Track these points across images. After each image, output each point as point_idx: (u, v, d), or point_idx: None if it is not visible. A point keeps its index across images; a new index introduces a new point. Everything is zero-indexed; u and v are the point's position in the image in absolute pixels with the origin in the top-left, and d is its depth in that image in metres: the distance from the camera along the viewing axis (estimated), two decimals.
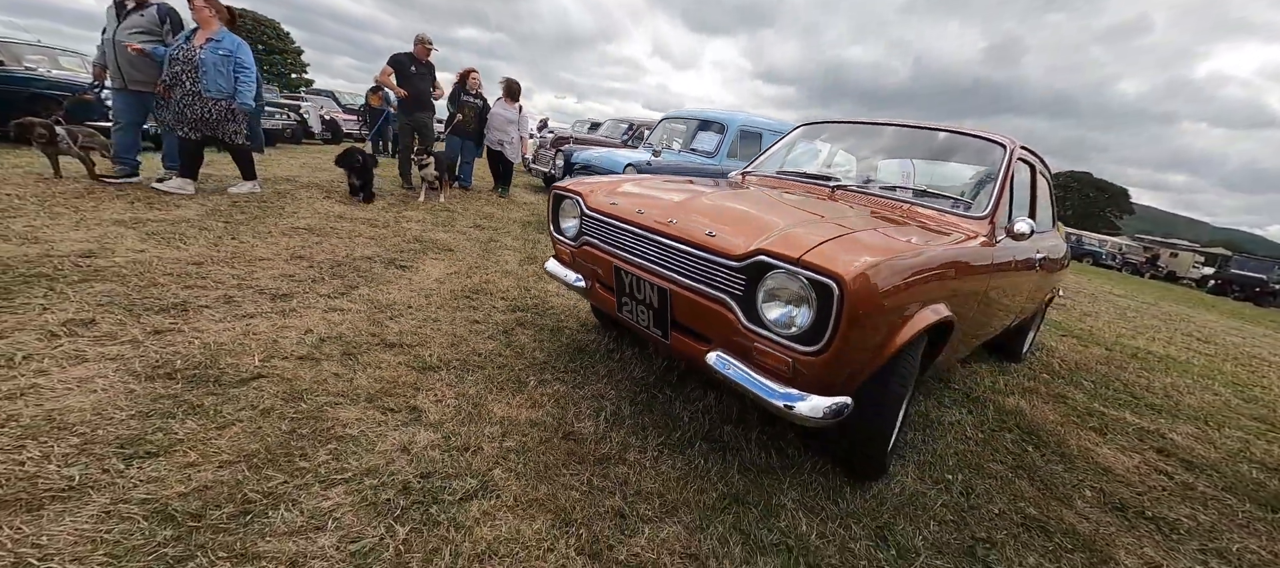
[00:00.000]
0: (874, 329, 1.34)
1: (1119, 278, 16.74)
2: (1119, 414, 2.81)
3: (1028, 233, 1.97)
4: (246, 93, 4.04)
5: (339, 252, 3.23)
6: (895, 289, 1.34)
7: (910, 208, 2.18)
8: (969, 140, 2.45)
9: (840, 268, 1.24)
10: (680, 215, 1.69)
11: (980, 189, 2.26)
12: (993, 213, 2.08)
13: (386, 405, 1.70)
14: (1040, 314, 3.56)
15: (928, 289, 1.53)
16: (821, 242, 1.35)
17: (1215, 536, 1.80)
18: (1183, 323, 7.06)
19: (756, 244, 1.41)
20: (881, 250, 1.37)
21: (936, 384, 2.74)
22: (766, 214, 1.68)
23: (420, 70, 5.54)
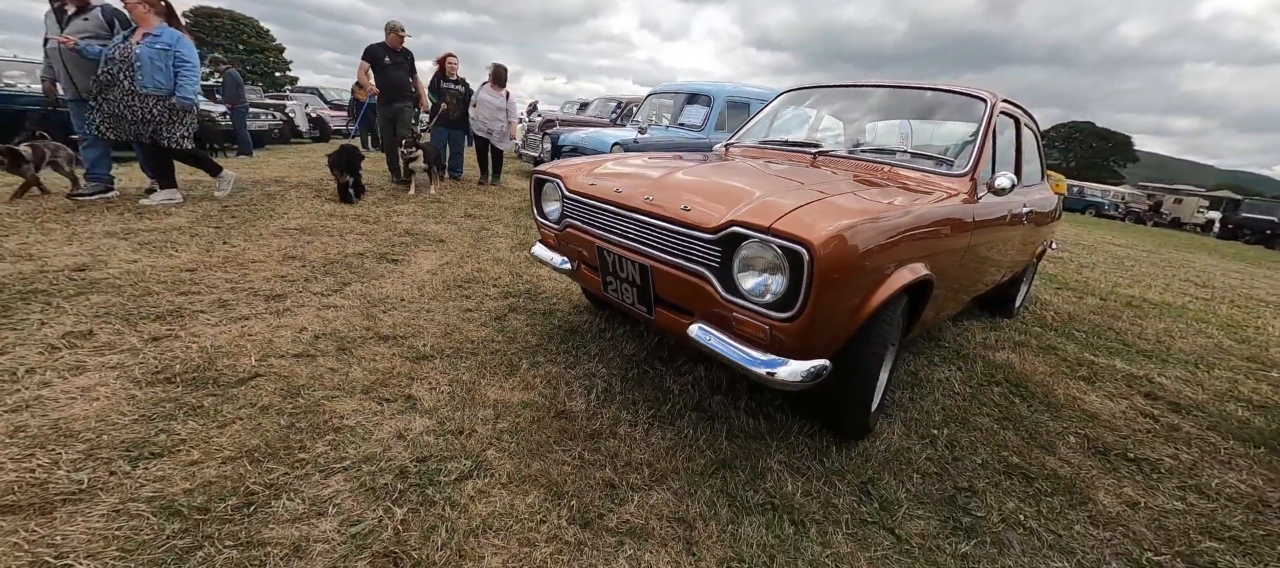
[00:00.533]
0: (846, 292, 1.36)
1: (1121, 228, 16.64)
2: (1109, 362, 2.85)
3: (1009, 187, 1.98)
4: (187, 87, 3.72)
5: (331, 250, 3.25)
6: (867, 252, 1.36)
7: (891, 170, 2.18)
8: (951, 97, 2.43)
9: (809, 234, 1.26)
10: (657, 192, 1.70)
11: (962, 146, 2.26)
12: (973, 169, 2.08)
13: (382, 396, 1.75)
14: (1032, 268, 3.57)
15: (903, 250, 1.54)
16: (792, 209, 1.36)
17: (1196, 473, 1.85)
18: (1182, 269, 7.06)
19: (729, 215, 1.43)
20: (852, 214, 1.38)
21: (927, 343, 2.78)
22: (743, 185, 1.68)
23: (395, 59, 5.32)
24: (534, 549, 1.21)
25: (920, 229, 1.65)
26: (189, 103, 3.75)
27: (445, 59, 5.80)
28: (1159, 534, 1.50)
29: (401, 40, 5.36)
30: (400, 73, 5.32)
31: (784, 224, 1.31)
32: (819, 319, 1.33)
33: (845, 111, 2.84)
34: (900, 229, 1.52)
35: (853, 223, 1.34)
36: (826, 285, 1.27)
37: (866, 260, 1.37)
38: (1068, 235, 9.70)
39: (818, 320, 1.33)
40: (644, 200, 1.70)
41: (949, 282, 2.01)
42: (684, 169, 1.97)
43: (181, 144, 3.83)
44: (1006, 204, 2.40)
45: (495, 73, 5.80)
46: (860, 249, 1.34)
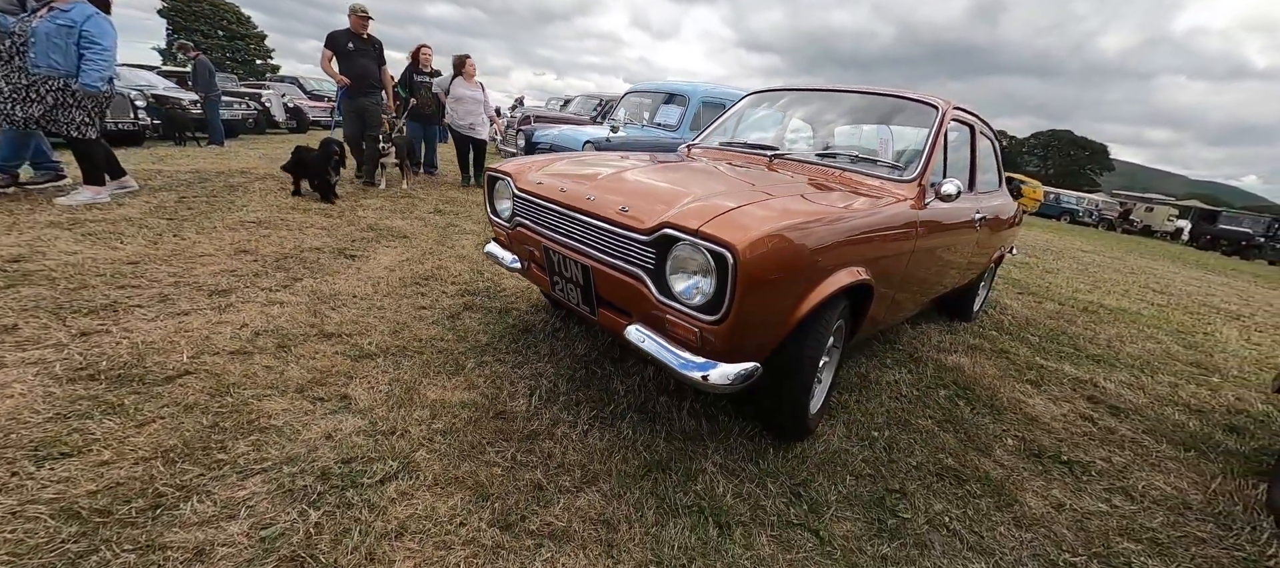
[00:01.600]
0: (774, 296, 1.36)
1: (1092, 234, 17.08)
2: (1058, 366, 2.91)
3: (955, 194, 2.01)
4: (92, 73, 3.25)
5: (287, 244, 3.18)
6: (796, 256, 1.37)
7: (843, 174, 2.20)
8: (904, 104, 2.46)
9: (734, 237, 1.26)
10: (599, 192, 1.69)
11: (913, 152, 2.29)
12: (921, 175, 2.10)
13: (316, 395, 1.71)
14: (990, 273, 3.64)
15: (838, 254, 1.55)
16: (723, 212, 1.36)
17: (1125, 476, 1.90)
18: (1143, 275, 7.26)
19: (662, 217, 1.42)
20: (783, 218, 1.39)
21: (881, 345, 2.81)
22: (685, 187, 1.68)
23: (360, 46, 4.85)
24: (449, 553, 1.19)
25: (859, 234, 1.66)
26: (94, 89, 3.31)
27: (419, 51, 5.57)
28: (1079, 536, 1.54)
29: (366, 25, 4.89)
30: (366, 61, 4.90)
31: (712, 227, 1.31)
32: (746, 322, 1.34)
33: (807, 114, 2.86)
34: (835, 233, 1.53)
35: (781, 227, 1.34)
36: (751, 288, 1.28)
37: (795, 264, 1.37)
38: (1038, 242, 9.93)
39: (744, 323, 1.34)
40: (585, 200, 1.69)
41: (894, 286, 2.04)
42: (633, 169, 1.96)
43: (85, 132, 3.38)
44: (958, 210, 2.43)
45: (457, 63, 5.48)
46: (788, 253, 1.34)
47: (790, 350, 1.57)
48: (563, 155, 2.32)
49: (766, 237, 1.29)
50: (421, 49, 5.61)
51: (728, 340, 1.37)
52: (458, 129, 5.56)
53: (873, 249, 1.75)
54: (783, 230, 1.34)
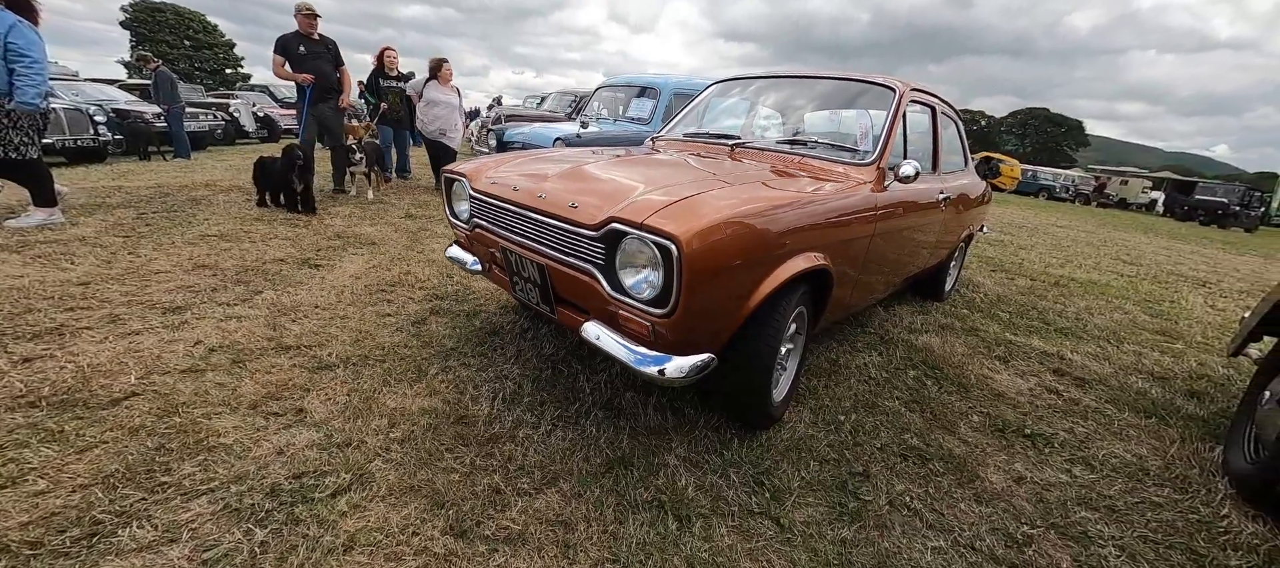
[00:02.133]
0: (723, 286, 1.35)
1: (1069, 209, 17.39)
2: (1027, 341, 2.95)
3: (913, 175, 2.01)
4: (26, 90, 3.04)
5: (249, 257, 3.11)
6: (743, 244, 1.36)
7: (802, 160, 2.19)
8: (864, 87, 2.46)
9: (677, 229, 1.24)
10: (550, 189, 1.67)
11: (873, 136, 2.29)
12: (880, 158, 2.10)
13: (270, 410, 1.67)
14: (961, 252, 3.68)
15: (791, 240, 1.55)
16: (668, 204, 1.35)
17: (1086, 446, 1.93)
18: (1115, 248, 7.41)
19: (609, 212, 1.40)
20: (730, 207, 1.37)
21: (851, 329, 2.83)
22: (638, 181, 1.66)
23: (311, 48, 4.43)
24: (398, 564, 1.17)
25: (814, 219, 1.66)
26: (30, 107, 3.09)
27: (383, 53, 5.38)
28: (1038, 507, 1.56)
29: (314, 24, 4.48)
30: (320, 63, 4.47)
31: (656, 219, 1.29)
32: (695, 314, 1.33)
33: (769, 102, 2.85)
34: (787, 220, 1.53)
35: (727, 216, 1.33)
36: (698, 280, 1.26)
37: (743, 253, 1.36)
38: (1014, 219, 10.08)
39: (694, 315, 1.33)
40: (537, 198, 1.66)
41: (856, 270, 2.04)
42: (589, 165, 1.94)
43: (25, 153, 3.17)
44: (920, 191, 2.45)
45: (434, 66, 5.25)
46: (735, 242, 1.33)
47: (748, 341, 1.56)
48: (521, 154, 2.28)
49: (711, 227, 1.28)
50: (386, 52, 5.42)
51: (679, 333, 1.35)
52: (428, 135, 5.24)
53: (830, 234, 1.75)
54: (728, 220, 1.33)
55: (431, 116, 5.10)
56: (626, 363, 1.40)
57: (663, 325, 1.35)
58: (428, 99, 5.10)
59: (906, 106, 2.33)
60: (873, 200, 1.99)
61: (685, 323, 1.33)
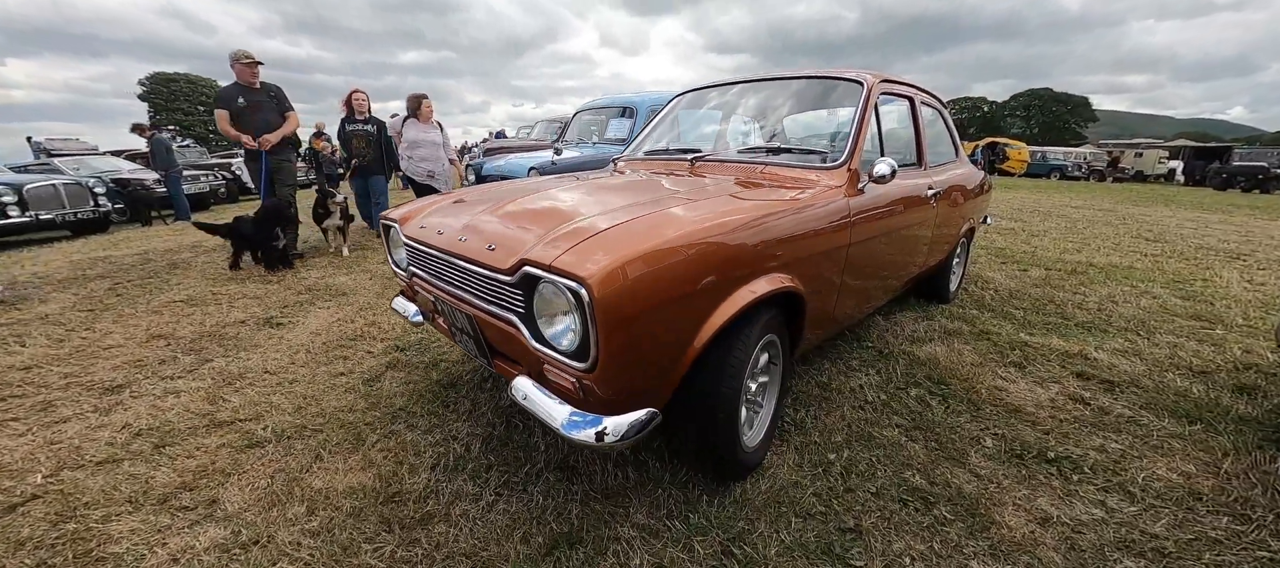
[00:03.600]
0: (653, 328, 1.14)
1: (1083, 188, 16.82)
2: (1045, 341, 2.67)
3: (889, 174, 1.80)
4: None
5: (210, 322, 2.98)
6: (674, 278, 1.15)
7: (766, 169, 2.00)
8: (829, 83, 2.27)
9: (587, 269, 1.05)
10: (473, 231, 1.49)
11: (842, 135, 2.09)
12: (850, 159, 1.90)
13: (180, 504, 1.50)
14: (963, 249, 3.41)
15: (745, 263, 1.34)
16: (581, 240, 1.16)
17: (1122, 467, 1.65)
18: (1135, 225, 7.01)
19: (521, 254, 1.22)
20: (655, 236, 1.17)
21: (845, 345, 2.58)
22: (574, 210, 1.48)
23: (253, 99, 4.05)
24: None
25: (774, 236, 1.45)
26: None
27: (352, 96, 4.98)
28: (1069, 558, 1.30)
29: (255, 72, 4.07)
30: (263, 115, 4.10)
31: (565, 260, 1.10)
32: (622, 365, 1.12)
33: (736, 110, 2.67)
34: (735, 241, 1.32)
35: (651, 247, 1.13)
36: (616, 326, 1.06)
37: (676, 288, 1.16)
38: (1025, 203, 9.69)
39: (621, 366, 1.12)
40: (459, 242, 1.49)
41: (834, 286, 1.82)
42: (526, 198, 1.76)
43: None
44: (905, 189, 2.23)
45: (413, 103, 4.83)
46: (662, 277, 1.13)
47: (704, 384, 1.35)
48: (455, 194, 2.12)
49: (629, 263, 1.08)
50: (355, 94, 5.04)
51: (608, 388, 1.15)
52: (415, 178, 4.82)
53: (797, 250, 1.54)
54: (653, 251, 1.13)
55: (418, 157, 4.76)
56: (553, 427, 1.19)
57: (588, 380, 1.14)
58: (409, 140, 4.74)
59: (877, 100, 2.13)
60: (846, 207, 1.78)
61: (612, 376, 1.12)
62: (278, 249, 4.09)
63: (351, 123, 4.88)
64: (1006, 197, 11.15)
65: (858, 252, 1.88)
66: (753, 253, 1.37)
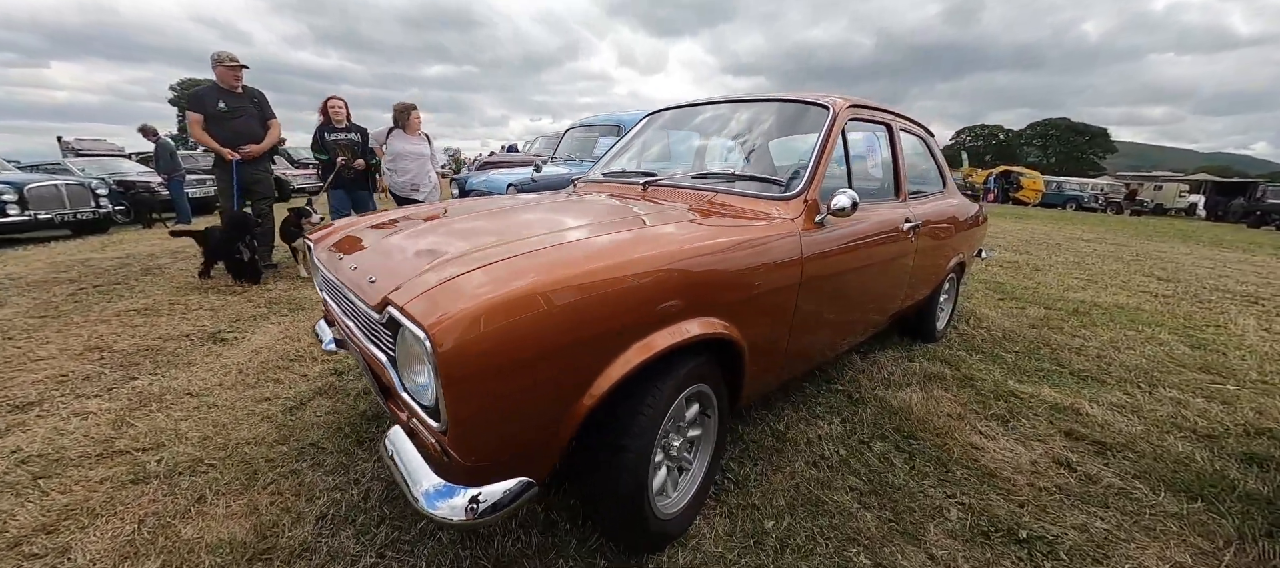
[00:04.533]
0: (520, 386, 0.97)
1: (1098, 220, 16.39)
2: (1035, 390, 2.45)
3: (849, 207, 1.64)
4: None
5: (154, 333, 2.87)
6: (552, 327, 0.99)
7: (718, 197, 1.84)
8: (797, 107, 2.11)
9: (429, 317, 0.89)
10: (369, 258, 1.35)
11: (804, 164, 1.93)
12: (808, 189, 1.74)
13: (29, 550, 1.34)
14: (952, 285, 3.20)
15: (657, 307, 1.17)
16: (446, 279, 1.00)
17: (1105, 553, 1.44)
18: (1148, 262, 6.70)
19: (386, 291, 1.06)
20: (533, 277, 1.01)
21: (813, 386, 2.38)
22: (469, 241, 1.33)
23: (233, 104, 3.83)
24: None
25: (702, 274, 1.29)
26: None
27: (328, 103, 4.57)
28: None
29: (237, 75, 3.82)
30: (242, 121, 3.84)
31: (416, 305, 0.94)
32: (479, 428, 0.95)
33: (698, 131, 2.53)
34: (645, 283, 1.15)
35: (518, 292, 0.96)
36: (465, 384, 0.90)
37: (553, 337, 0.99)
38: (1034, 235, 9.39)
39: (478, 430, 0.96)
40: (350, 269, 1.35)
41: (783, 330, 1.64)
42: (441, 220, 1.63)
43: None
44: (875, 222, 2.06)
45: (399, 112, 4.47)
46: (534, 325, 0.96)
47: (603, 445, 1.18)
48: (376, 215, 1.97)
49: (490, 309, 0.92)
50: (330, 102, 4.55)
51: (466, 454, 0.98)
52: (397, 192, 4.52)
53: (733, 290, 1.38)
54: (524, 296, 0.96)
55: (401, 170, 4.43)
56: (409, 497, 1.02)
57: (445, 443, 0.98)
58: (393, 151, 4.45)
59: (846, 127, 1.98)
60: (797, 242, 1.61)
61: (470, 441, 0.96)
62: (241, 261, 3.97)
63: (331, 131, 4.57)
64: (1015, 227, 10.85)
65: (813, 291, 1.71)
66: (675, 293, 1.20)
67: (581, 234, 1.30)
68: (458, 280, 0.98)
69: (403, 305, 0.95)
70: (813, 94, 2.09)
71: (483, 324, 0.90)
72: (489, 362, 0.90)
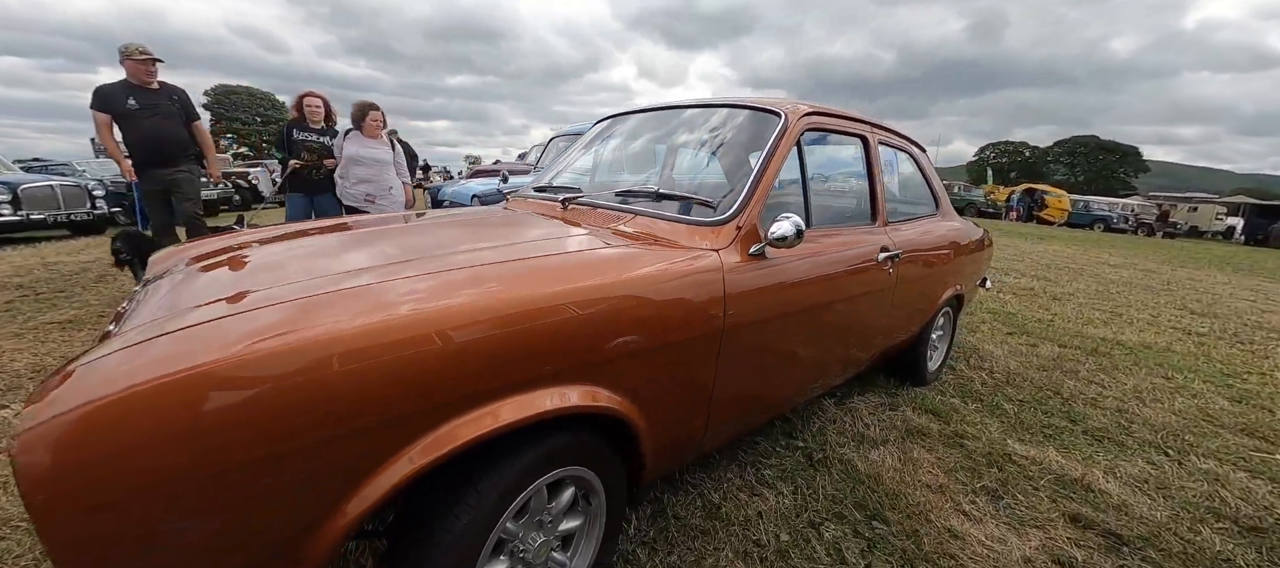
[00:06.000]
0: (174, 522, 0.65)
1: (1125, 242, 15.57)
2: (1038, 454, 2.05)
3: (791, 235, 1.31)
4: None
5: (60, 351, 2.66)
6: (245, 421, 0.66)
7: (638, 219, 1.53)
8: (746, 114, 1.79)
9: (21, 425, 0.59)
10: (147, 300, 1.07)
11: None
12: (739, 215, 1.42)
13: None
14: (947, 320, 2.81)
15: (468, 379, 0.85)
16: (104, 357, 0.69)
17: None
18: (1182, 292, 6.14)
19: (70, 364, 0.77)
20: (227, 347, 0.69)
21: (769, 440, 2.02)
22: (250, 282, 1.04)
23: (147, 101, 3.34)
24: None
25: (558, 326, 0.97)
26: None
27: (303, 100, 4.02)
28: None
29: (151, 71, 3.36)
30: (159, 121, 3.38)
31: (31, 408, 0.64)
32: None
33: (644, 141, 2.23)
34: (469, 343, 0.84)
35: (182, 377, 0.64)
36: (61, 517, 0.59)
37: (244, 444, 0.67)
38: (1057, 258, 8.83)
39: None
40: (130, 305, 1.06)
41: (699, 393, 1.31)
42: (273, 249, 1.35)
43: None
44: (842, 251, 1.72)
45: (358, 112, 3.81)
46: (201, 426, 0.64)
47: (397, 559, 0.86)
48: (279, 229, 1.72)
49: (95, 415, 0.60)
50: (306, 98, 4.04)
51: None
52: (348, 202, 3.87)
53: (614, 348, 1.06)
54: (175, 385, 0.63)
55: (353, 179, 3.76)
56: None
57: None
58: (349, 155, 3.73)
59: (799, 136, 1.65)
60: (719, 280, 1.28)
61: None
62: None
63: (303, 130, 4.01)
64: (1036, 249, 10.27)
65: (744, 341, 1.38)
66: (513, 356, 0.89)
67: (427, 270, 0.99)
68: (103, 362, 0.67)
69: (29, 403, 0.65)
70: (766, 99, 1.77)
71: (90, 437, 0.58)
72: (85, 489, 0.58)
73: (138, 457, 0.60)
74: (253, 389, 0.66)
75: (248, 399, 0.65)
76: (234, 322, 0.74)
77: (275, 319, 0.74)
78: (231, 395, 0.65)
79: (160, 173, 3.52)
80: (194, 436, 0.63)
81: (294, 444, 0.69)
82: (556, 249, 1.26)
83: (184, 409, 0.62)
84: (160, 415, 0.61)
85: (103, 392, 0.61)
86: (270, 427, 0.67)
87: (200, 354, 0.66)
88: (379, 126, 3.93)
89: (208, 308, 0.82)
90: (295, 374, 0.68)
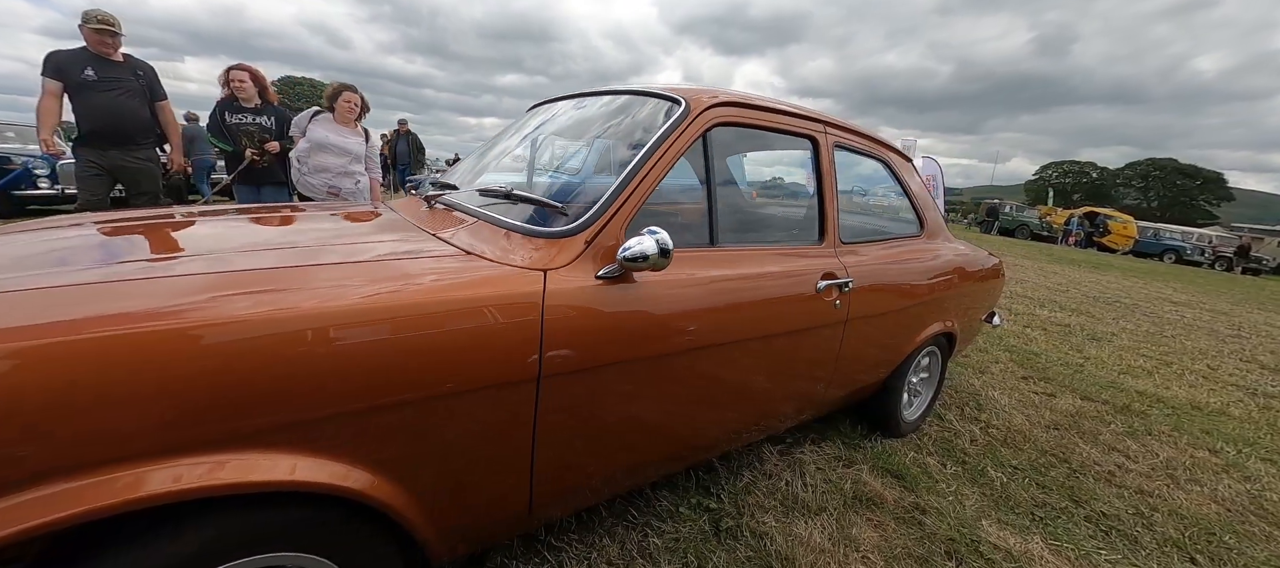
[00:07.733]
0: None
1: (1196, 277, 14.01)
2: (1017, 545, 1.63)
3: (653, 255, 1.01)
4: None
5: None
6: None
7: (480, 224, 1.25)
8: (650, 105, 1.47)
9: None
10: None
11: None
12: (589, 228, 1.11)
13: None
14: (931, 363, 2.37)
15: (135, 437, 0.59)
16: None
17: None
18: (1251, 340, 5.29)
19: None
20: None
21: (674, 496, 1.68)
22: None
23: (107, 74, 2.97)
24: None
25: (272, 367, 0.70)
26: None
27: (229, 74, 3.45)
28: None
29: (112, 43, 2.97)
30: (117, 96, 3.00)
31: None
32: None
33: (551, 133, 1.93)
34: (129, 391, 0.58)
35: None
36: None
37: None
38: (1108, 290, 7.92)
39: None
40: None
41: (504, 466, 1.01)
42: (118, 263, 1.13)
43: None
44: (751, 276, 1.38)
45: (333, 94, 3.31)
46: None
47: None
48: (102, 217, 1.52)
49: None
50: (232, 71, 3.46)
51: None
52: (305, 193, 3.32)
53: (353, 398, 0.78)
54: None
55: (314, 167, 3.18)
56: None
57: None
58: (313, 140, 3.19)
59: (706, 130, 1.32)
60: (533, 308, 0.98)
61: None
62: None
63: (234, 112, 3.47)
64: (1087, 278, 9.30)
65: (583, 391, 1.07)
66: (193, 409, 0.62)
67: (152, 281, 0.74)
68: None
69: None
70: (676, 87, 1.44)
71: None
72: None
73: None
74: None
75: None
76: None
77: None
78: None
79: (112, 153, 3.12)
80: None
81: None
82: (337, 257, 0.99)
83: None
84: None
85: None
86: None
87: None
88: (353, 111, 3.42)
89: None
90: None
